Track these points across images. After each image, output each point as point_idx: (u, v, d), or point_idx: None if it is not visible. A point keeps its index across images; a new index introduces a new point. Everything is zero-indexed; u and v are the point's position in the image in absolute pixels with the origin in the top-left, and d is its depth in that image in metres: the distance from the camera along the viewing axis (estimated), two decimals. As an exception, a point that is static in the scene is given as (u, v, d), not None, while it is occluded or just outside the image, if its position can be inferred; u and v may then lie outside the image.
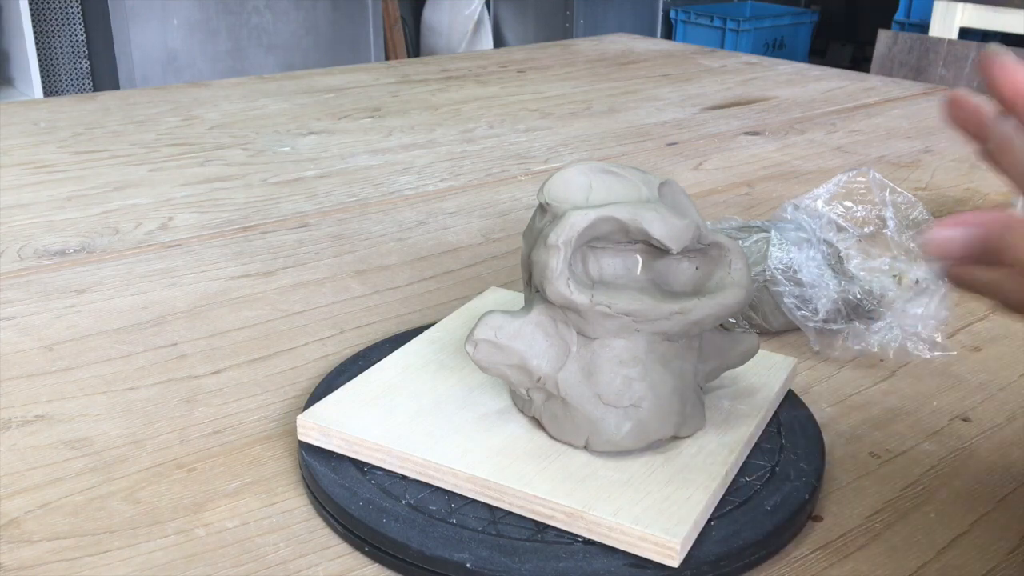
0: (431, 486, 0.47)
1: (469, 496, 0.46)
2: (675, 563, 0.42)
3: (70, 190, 0.94)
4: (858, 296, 0.64)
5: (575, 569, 0.42)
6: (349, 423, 0.49)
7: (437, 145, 1.12)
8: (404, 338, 0.60)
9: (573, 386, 0.48)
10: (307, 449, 0.49)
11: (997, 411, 0.58)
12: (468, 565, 0.42)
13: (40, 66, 2.74)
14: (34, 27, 2.70)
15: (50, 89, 2.91)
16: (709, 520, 0.45)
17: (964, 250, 0.37)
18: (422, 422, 0.50)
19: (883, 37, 1.85)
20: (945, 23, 2.45)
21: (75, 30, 3.00)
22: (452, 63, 1.61)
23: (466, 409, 0.51)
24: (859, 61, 3.99)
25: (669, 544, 0.42)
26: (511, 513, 0.45)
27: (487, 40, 3.71)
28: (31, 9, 2.68)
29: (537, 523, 0.45)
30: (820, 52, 4.21)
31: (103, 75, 2.90)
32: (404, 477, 0.48)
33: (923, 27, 2.65)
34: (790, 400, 0.56)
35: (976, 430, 0.56)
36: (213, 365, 0.62)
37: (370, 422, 0.49)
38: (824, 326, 0.63)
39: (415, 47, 3.79)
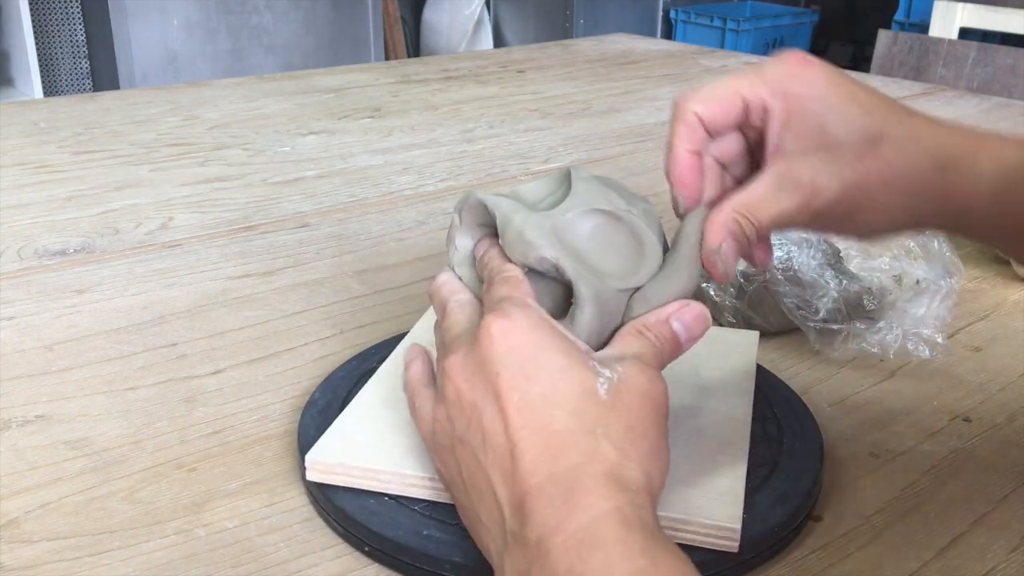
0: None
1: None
2: None
3: (70, 190, 0.94)
4: (858, 296, 0.64)
5: None
6: (349, 456, 0.48)
7: (437, 145, 1.12)
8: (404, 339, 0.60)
9: None
10: (307, 450, 0.49)
11: (997, 411, 0.58)
12: (464, 563, 0.42)
13: (40, 66, 2.74)
14: (34, 27, 2.70)
15: (50, 89, 2.91)
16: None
17: None
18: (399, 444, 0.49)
19: (883, 37, 1.85)
20: (945, 23, 2.45)
21: (75, 30, 3.00)
22: (452, 63, 1.61)
23: None
24: (859, 61, 3.98)
25: None
26: None
27: (487, 40, 3.70)
28: (31, 9, 2.68)
29: None
30: (820, 52, 4.21)
31: (103, 75, 2.90)
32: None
33: (923, 27, 2.64)
34: (786, 397, 0.56)
35: (976, 430, 0.56)
36: (213, 365, 0.62)
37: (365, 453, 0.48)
38: (824, 326, 0.63)
39: (415, 47, 3.79)
